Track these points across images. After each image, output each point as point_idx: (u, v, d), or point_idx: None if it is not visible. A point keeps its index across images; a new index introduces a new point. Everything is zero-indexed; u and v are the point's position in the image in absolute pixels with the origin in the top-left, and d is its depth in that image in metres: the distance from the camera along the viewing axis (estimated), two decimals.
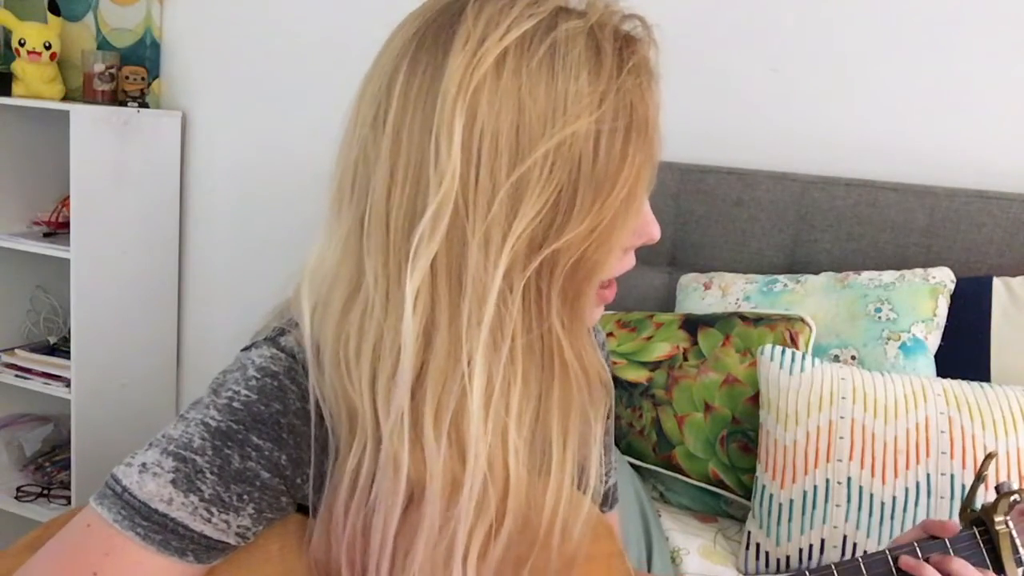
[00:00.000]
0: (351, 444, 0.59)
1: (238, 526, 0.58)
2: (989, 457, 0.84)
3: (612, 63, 0.56)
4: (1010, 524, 0.78)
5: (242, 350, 0.63)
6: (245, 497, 0.58)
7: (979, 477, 0.81)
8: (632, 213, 0.58)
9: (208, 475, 0.57)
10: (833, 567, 0.77)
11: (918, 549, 0.78)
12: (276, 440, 0.58)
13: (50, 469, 2.22)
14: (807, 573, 0.77)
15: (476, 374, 0.55)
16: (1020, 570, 0.78)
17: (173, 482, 0.56)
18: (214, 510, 0.57)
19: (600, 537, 0.72)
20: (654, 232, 0.63)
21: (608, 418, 0.85)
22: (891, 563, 0.77)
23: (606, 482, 0.85)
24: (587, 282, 0.58)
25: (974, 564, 0.76)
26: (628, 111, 0.56)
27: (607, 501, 0.85)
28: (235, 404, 0.58)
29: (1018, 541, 0.77)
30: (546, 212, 0.55)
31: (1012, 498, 0.77)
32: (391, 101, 0.57)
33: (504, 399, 0.57)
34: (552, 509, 0.60)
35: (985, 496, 0.81)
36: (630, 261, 0.64)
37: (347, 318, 0.58)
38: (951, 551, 0.77)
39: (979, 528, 0.79)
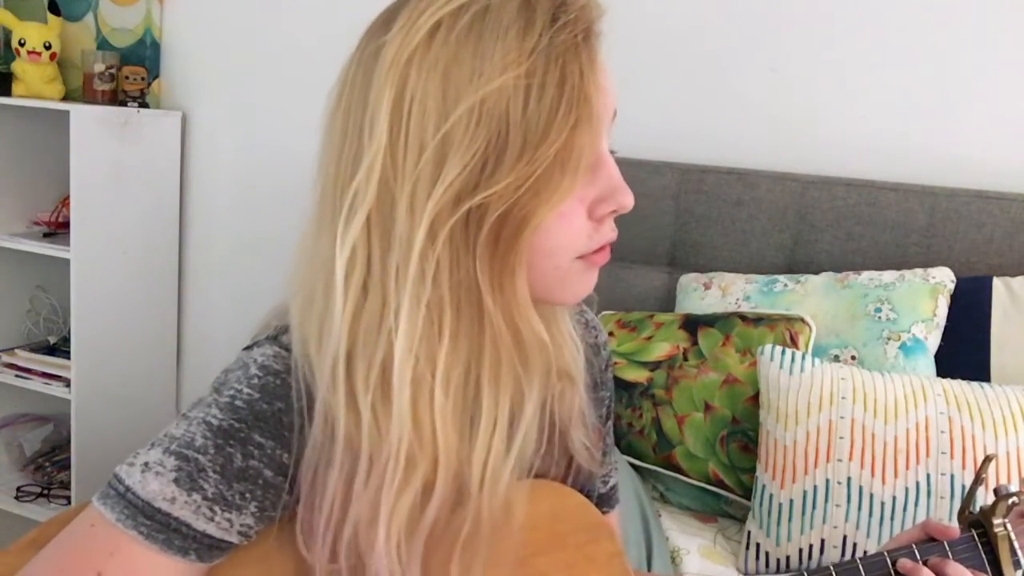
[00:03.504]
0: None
1: (241, 525, 0.58)
2: (988, 459, 0.84)
3: (544, 21, 0.56)
4: (1008, 527, 0.78)
5: (244, 349, 0.64)
6: (248, 496, 0.58)
7: (978, 479, 0.81)
8: (570, 171, 0.57)
9: (211, 474, 0.57)
10: (832, 568, 0.77)
11: (916, 551, 0.78)
12: (278, 438, 0.58)
13: (50, 469, 2.22)
14: (805, 574, 0.77)
15: (401, 328, 0.56)
16: (1018, 573, 0.78)
17: (176, 481, 0.56)
18: (217, 509, 0.57)
19: (600, 538, 0.72)
20: (624, 200, 0.61)
21: (608, 419, 0.85)
22: (889, 565, 0.77)
23: (607, 483, 0.85)
24: (517, 237, 0.57)
25: (972, 567, 0.76)
26: (559, 67, 0.55)
27: (608, 502, 0.85)
28: (237, 402, 0.58)
29: (1016, 544, 0.78)
30: (473, 165, 0.55)
31: (1010, 501, 0.77)
32: (344, 88, 0.60)
33: (430, 359, 0.57)
34: (480, 469, 0.60)
35: (984, 498, 0.82)
36: (607, 232, 0.62)
37: (304, 294, 0.60)
38: (949, 554, 0.77)
39: (977, 531, 0.79)
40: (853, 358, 1.42)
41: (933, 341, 1.42)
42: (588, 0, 0.58)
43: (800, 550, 1.23)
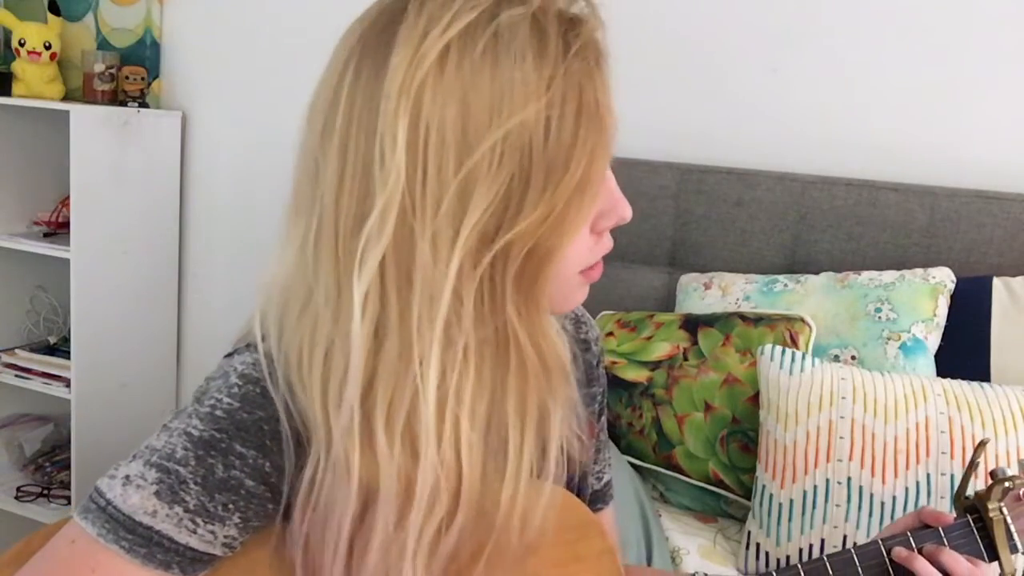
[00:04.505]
0: (308, 455, 0.58)
1: (224, 536, 0.58)
2: (982, 444, 0.84)
3: (557, 46, 0.54)
4: (1004, 511, 0.78)
5: (225, 356, 0.63)
6: (230, 506, 0.57)
7: (971, 464, 0.81)
8: (588, 197, 0.57)
9: (192, 485, 0.56)
10: (826, 559, 0.77)
11: (912, 539, 0.77)
12: (260, 447, 0.57)
13: (50, 469, 2.22)
14: (800, 567, 0.77)
15: (429, 373, 0.55)
16: (1015, 556, 0.77)
17: (157, 494, 0.55)
18: (199, 521, 0.56)
19: (590, 536, 0.72)
20: (624, 212, 0.61)
21: (601, 415, 0.85)
22: (884, 554, 0.77)
23: (600, 479, 0.85)
24: (543, 269, 0.57)
25: (968, 552, 0.76)
26: (577, 94, 0.55)
27: (603, 498, 0.85)
28: (217, 412, 0.57)
29: (1012, 527, 0.77)
30: (497, 203, 0.54)
31: (1005, 484, 0.77)
32: (337, 110, 0.56)
33: (457, 395, 0.56)
34: (510, 497, 0.59)
35: (978, 484, 0.82)
36: (606, 244, 0.62)
37: (299, 328, 0.58)
38: (944, 539, 0.77)
39: (973, 515, 0.79)
40: (853, 358, 1.41)
41: (933, 341, 1.42)
42: (592, 17, 0.58)
43: (800, 550, 1.23)
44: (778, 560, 1.25)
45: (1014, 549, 0.77)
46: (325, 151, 0.56)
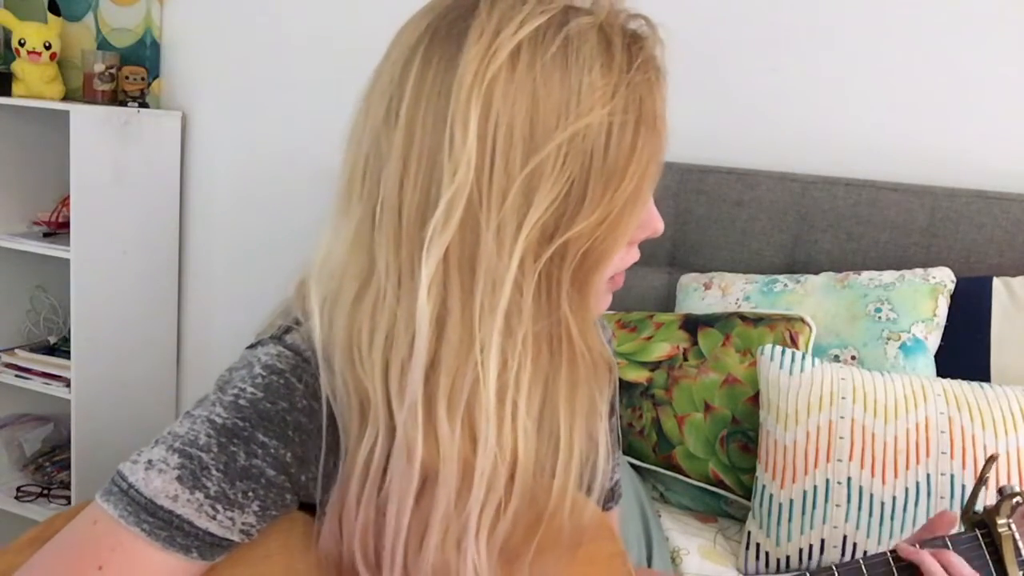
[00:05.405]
0: (362, 436, 0.59)
1: (243, 523, 0.58)
2: (991, 459, 0.84)
3: (622, 58, 0.57)
4: (1012, 527, 0.78)
5: (248, 348, 0.64)
6: (250, 494, 0.58)
7: (981, 479, 0.81)
8: (639, 205, 0.60)
9: (214, 472, 0.57)
10: (834, 568, 0.78)
11: (919, 546, 0.78)
12: (282, 438, 0.58)
13: (50, 469, 2.22)
14: (808, 574, 0.78)
15: (490, 360, 0.56)
16: (1022, 572, 0.78)
17: (179, 478, 0.56)
18: (219, 507, 0.57)
19: (601, 537, 0.72)
20: (658, 226, 0.64)
21: (612, 415, 0.85)
22: (891, 564, 0.78)
23: (611, 479, 0.85)
24: (595, 271, 0.60)
25: (977, 567, 0.77)
26: (638, 105, 0.57)
27: (612, 498, 0.86)
28: (241, 401, 0.58)
29: (1020, 543, 0.78)
30: (559, 202, 0.56)
31: (1014, 500, 0.77)
32: (404, 94, 0.57)
33: (516, 383, 0.58)
34: (561, 487, 0.61)
35: (987, 498, 0.82)
36: (635, 254, 0.65)
37: (358, 310, 0.59)
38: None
39: (982, 531, 0.79)
40: (853, 358, 1.42)
41: (933, 341, 1.42)
42: (652, 35, 0.61)
43: (800, 550, 1.23)
44: (778, 560, 1.25)
45: (1022, 565, 0.78)
46: (388, 134, 0.58)
